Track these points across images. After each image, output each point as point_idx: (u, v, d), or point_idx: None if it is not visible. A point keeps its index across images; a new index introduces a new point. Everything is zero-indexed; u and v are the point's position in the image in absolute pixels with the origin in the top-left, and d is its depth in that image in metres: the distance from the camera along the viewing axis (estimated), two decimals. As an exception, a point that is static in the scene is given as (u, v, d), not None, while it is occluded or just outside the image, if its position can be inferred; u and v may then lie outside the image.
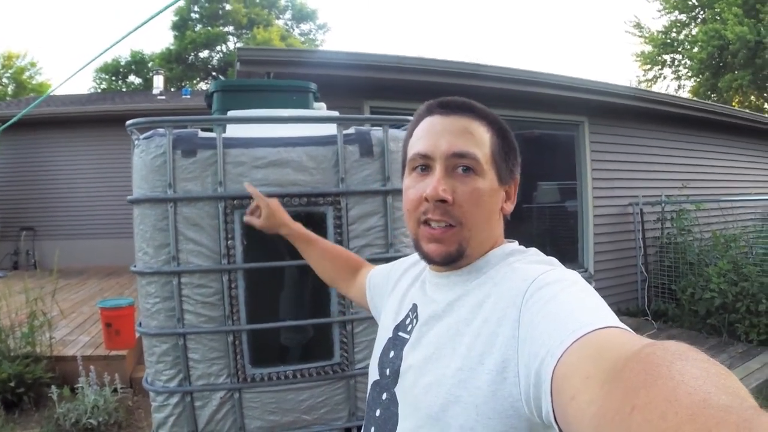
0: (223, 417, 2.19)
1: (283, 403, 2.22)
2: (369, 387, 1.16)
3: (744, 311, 6.07)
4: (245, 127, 2.30)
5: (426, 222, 1.02)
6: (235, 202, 2.14)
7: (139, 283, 2.19)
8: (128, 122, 2.18)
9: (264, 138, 2.22)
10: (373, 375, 1.15)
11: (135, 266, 2.18)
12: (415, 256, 1.31)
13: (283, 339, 2.37)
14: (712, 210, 8.11)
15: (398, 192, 2.32)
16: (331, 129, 2.29)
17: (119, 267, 10.35)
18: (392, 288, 1.30)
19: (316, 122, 2.42)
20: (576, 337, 0.69)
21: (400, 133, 2.39)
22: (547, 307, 0.79)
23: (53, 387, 4.38)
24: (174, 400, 2.17)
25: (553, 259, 1.00)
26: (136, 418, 4.60)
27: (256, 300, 2.21)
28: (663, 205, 7.82)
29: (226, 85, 2.99)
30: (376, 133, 2.33)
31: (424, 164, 1.03)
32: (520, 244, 1.10)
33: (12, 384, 4.49)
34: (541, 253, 1.04)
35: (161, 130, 2.13)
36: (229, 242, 2.13)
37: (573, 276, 0.87)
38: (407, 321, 1.11)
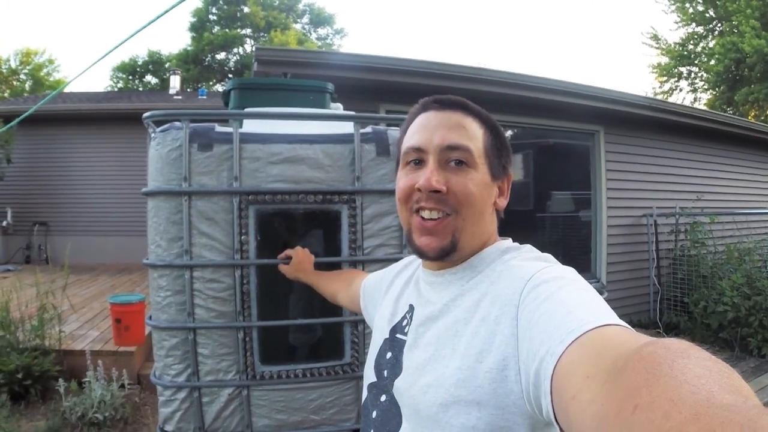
0: (231, 414, 2.17)
1: (291, 402, 2.20)
2: (365, 389, 1.15)
3: (757, 325, 6.02)
4: (262, 123, 2.29)
5: (418, 211, 1.01)
6: (249, 197, 2.12)
7: (150, 275, 2.17)
8: (145, 114, 2.17)
9: (280, 134, 2.20)
10: (369, 377, 1.15)
11: (147, 259, 2.17)
12: (407, 259, 1.32)
13: (291, 338, 2.35)
14: (727, 223, 8.08)
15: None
16: (347, 128, 2.28)
17: (130, 264, 10.41)
18: (385, 291, 1.30)
19: (333, 119, 2.41)
20: (576, 335, 0.68)
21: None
22: (546, 305, 0.78)
23: (60, 380, 4.40)
24: (182, 395, 2.15)
25: (549, 256, 1.00)
26: (143, 415, 4.61)
27: (267, 297, 2.19)
28: (677, 217, 7.79)
29: (243, 82, 2.98)
30: (393, 132, 2.31)
31: (418, 158, 1.03)
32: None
33: (20, 376, 4.53)
34: (536, 250, 1.03)
35: (178, 124, 2.12)
36: (242, 237, 2.12)
37: (570, 273, 0.87)
38: (404, 323, 1.11)
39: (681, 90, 24.38)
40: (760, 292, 6.17)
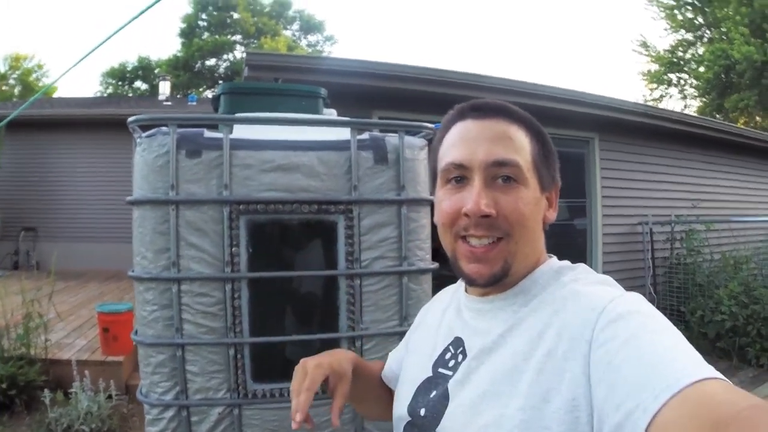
0: (221, 434, 2.07)
1: (285, 421, 2.09)
2: (401, 430, 1.03)
3: (755, 335, 5.98)
4: (253, 128, 2.19)
5: (464, 238, 0.91)
6: (241, 207, 2.03)
7: (136, 289, 2.07)
8: (130, 119, 2.07)
9: (273, 140, 2.11)
10: (402, 416, 1.02)
11: (133, 271, 2.07)
12: (433, 300, 1.21)
13: (288, 352, 2.25)
14: (723, 231, 8.06)
15: (414, 202, 2.23)
16: (343, 134, 2.19)
17: (120, 271, 10.20)
18: (414, 329, 1.20)
19: (328, 125, 2.31)
20: (672, 392, 0.62)
21: (416, 141, 2.29)
22: (628, 349, 0.71)
23: (46, 391, 4.28)
24: (169, 413, 2.05)
25: (609, 278, 0.91)
26: (131, 426, 4.50)
27: (260, 312, 2.09)
28: (673, 224, 7.73)
29: (233, 87, 2.89)
30: (391, 139, 2.22)
31: (460, 175, 0.93)
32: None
33: (4, 386, 4.42)
34: (592, 270, 0.95)
35: (165, 128, 2.03)
36: (233, 249, 2.02)
37: (646, 306, 0.80)
38: (447, 355, 0.99)
39: (671, 97, 24.50)
40: (757, 300, 6.12)
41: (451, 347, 0.99)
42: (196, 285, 2.01)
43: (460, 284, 1.08)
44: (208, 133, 2.11)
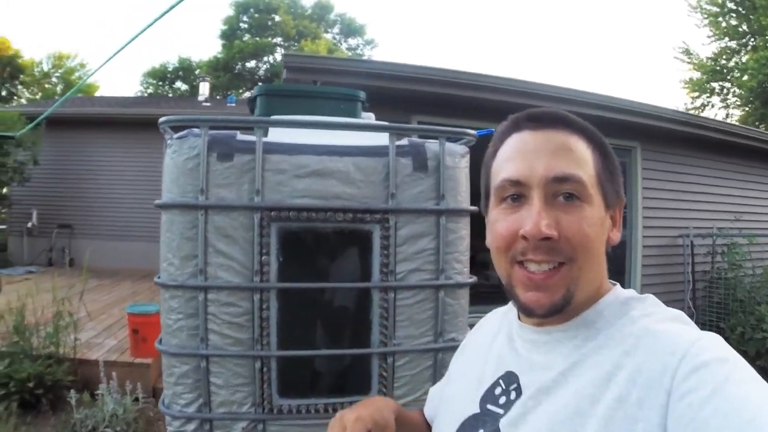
0: (245, 450, 1.99)
1: (311, 438, 2.01)
2: None
3: (796, 355, 5.75)
4: (289, 132, 2.10)
5: (521, 263, 0.81)
6: (272, 213, 1.94)
7: (162, 296, 2.00)
8: (161, 119, 2.00)
9: (308, 145, 2.02)
10: None
11: (159, 277, 2.00)
12: (480, 325, 1.11)
13: (317, 363, 2.17)
14: (766, 245, 7.88)
15: (453, 212, 2.12)
16: (381, 140, 2.08)
17: (153, 270, 10.24)
18: (457, 357, 1.11)
19: (366, 129, 2.21)
20: None
21: (457, 148, 2.18)
22: (716, 402, 0.63)
23: (72, 391, 4.27)
24: (191, 426, 1.98)
25: (682, 314, 0.82)
26: (156, 430, 4.46)
27: (288, 324, 2.00)
28: (714, 237, 7.52)
29: (270, 89, 2.82)
30: (432, 146, 2.11)
31: (517, 193, 0.83)
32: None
33: (31, 384, 4.42)
34: (660, 302, 0.84)
35: (196, 130, 1.95)
36: (263, 258, 1.93)
37: (727, 350, 0.71)
38: (497, 390, 0.88)
39: (713, 106, 24.02)
40: (800, 319, 5.92)
41: (502, 382, 0.89)
42: (223, 294, 1.94)
43: (511, 308, 0.98)
44: (241, 136, 2.03)
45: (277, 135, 2.10)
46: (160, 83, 29.43)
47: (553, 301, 0.80)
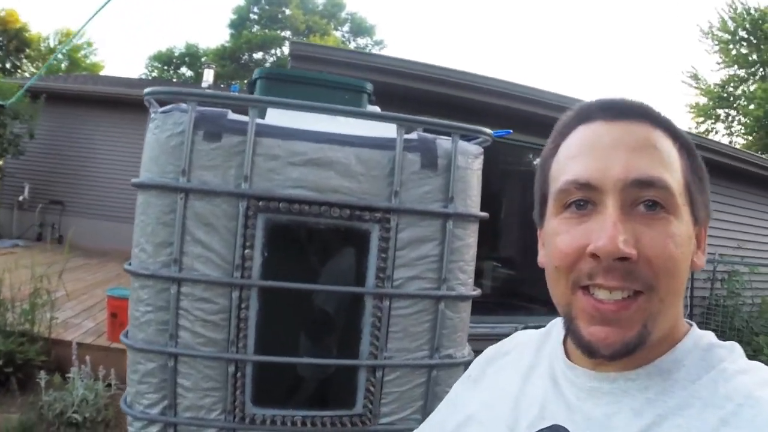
0: (211, 460, 1.84)
1: (285, 454, 1.84)
2: None
3: (794, 385, 5.64)
4: (287, 116, 1.93)
5: (587, 288, 0.62)
6: (260, 203, 1.77)
7: (132, 284, 1.84)
8: (146, 90, 1.84)
9: (306, 130, 1.85)
10: None
11: (129, 264, 1.82)
12: (503, 353, 0.90)
13: (299, 368, 2.03)
14: (767, 275, 7.80)
15: (462, 217, 1.94)
16: (387, 133, 1.92)
17: (142, 254, 10.20)
18: (463, 395, 0.90)
19: (372, 118, 2.05)
20: None
21: (471, 147, 2.01)
22: None
23: (42, 372, 4.09)
24: (154, 429, 1.84)
25: None
26: (126, 419, 4.27)
27: (269, 326, 1.84)
28: (715, 264, 7.43)
29: (271, 72, 2.65)
30: (443, 143, 1.95)
31: (585, 198, 0.64)
32: None
33: (0, 362, 4.23)
34: (741, 350, 0.67)
35: (183, 105, 1.78)
36: (246, 251, 1.77)
37: None
38: None
39: (717, 132, 24.12)
40: (799, 350, 5.87)
41: None
42: (198, 288, 1.78)
43: (547, 337, 0.80)
44: (232, 116, 1.86)
45: (274, 118, 1.96)
46: (165, 68, 29.41)
47: (625, 339, 0.61)
